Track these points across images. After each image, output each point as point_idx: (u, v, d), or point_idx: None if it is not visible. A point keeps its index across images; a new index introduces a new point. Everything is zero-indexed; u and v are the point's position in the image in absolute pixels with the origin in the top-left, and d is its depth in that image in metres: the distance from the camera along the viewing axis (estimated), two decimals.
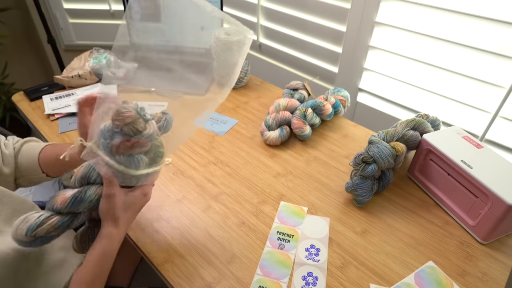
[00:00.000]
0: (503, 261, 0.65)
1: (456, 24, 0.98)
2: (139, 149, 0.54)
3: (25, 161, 0.69)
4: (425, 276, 0.62)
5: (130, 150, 0.53)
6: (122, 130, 0.52)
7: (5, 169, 0.66)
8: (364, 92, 1.31)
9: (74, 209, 0.52)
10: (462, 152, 0.71)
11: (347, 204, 0.76)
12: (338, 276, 0.62)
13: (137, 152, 0.54)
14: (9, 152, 0.68)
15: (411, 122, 0.79)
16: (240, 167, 0.85)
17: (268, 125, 0.92)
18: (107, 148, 0.53)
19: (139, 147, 0.53)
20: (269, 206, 0.75)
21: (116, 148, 0.52)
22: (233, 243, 0.68)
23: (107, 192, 0.53)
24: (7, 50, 1.94)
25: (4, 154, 0.67)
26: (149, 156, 0.56)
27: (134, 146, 0.53)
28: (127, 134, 0.52)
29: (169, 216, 0.73)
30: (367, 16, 1.14)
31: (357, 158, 0.74)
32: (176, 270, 0.63)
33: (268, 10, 1.47)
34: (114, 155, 0.53)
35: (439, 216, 0.74)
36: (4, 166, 0.66)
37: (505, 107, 0.96)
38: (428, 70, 1.09)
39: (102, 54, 1.19)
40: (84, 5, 1.84)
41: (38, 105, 1.05)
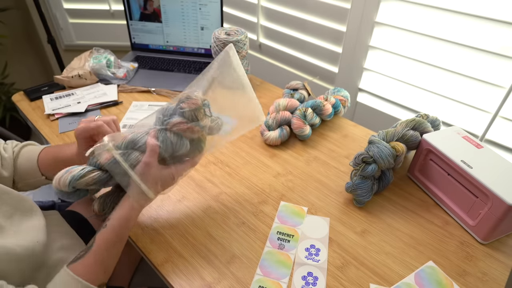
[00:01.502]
0: (503, 261, 0.65)
1: (456, 24, 0.98)
2: (189, 134, 0.60)
3: (24, 164, 0.69)
4: (425, 276, 0.62)
5: (182, 131, 0.59)
6: (184, 113, 0.59)
7: (4, 172, 0.67)
8: (364, 92, 1.31)
9: (115, 167, 0.57)
10: (462, 152, 0.71)
11: (347, 204, 0.76)
12: (338, 276, 0.62)
13: (185, 136, 0.60)
14: (8, 155, 0.68)
15: (411, 122, 0.79)
16: (240, 167, 0.85)
17: (268, 125, 0.92)
18: (163, 123, 0.59)
19: (190, 132, 0.60)
20: (269, 206, 0.75)
21: (172, 125, 0.58)
22: (233, 243, 0.68)
23: (147, 160, 0.57)
24: (7, 50, 1.94)
25: (3, 157, 0.67)
26: (191, 145, 0.62)
27: (187, 130, 0.59)
28: (187, 117, 0.59)
29: (169, 216, 0.73)
30: (367, 16, 1.15)
31: (357, 158, 0.74)
32: (176, 270, 0.63)
33: (268, 10, 1.48)
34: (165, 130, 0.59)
35: (439, 216, 0.74)
36: (3, 169, 0.67)
37: (505, 107, 0.97)
38: (428, 70, 1.09)
39: (102, 54, 1.19)
40: (84, 5, 1.84)
41: (38, 105, 1.05)
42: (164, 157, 0.60)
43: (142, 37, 1.33)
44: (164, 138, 0.59)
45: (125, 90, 1.13)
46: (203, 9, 1.22)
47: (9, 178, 0.68)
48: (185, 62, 1.28)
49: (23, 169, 0.69)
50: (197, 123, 0.60)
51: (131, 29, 1.31)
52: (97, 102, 1.06)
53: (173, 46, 1.33)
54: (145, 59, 1.30)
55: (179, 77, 1.20)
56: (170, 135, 0.59)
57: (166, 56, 1.33)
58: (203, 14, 1.23)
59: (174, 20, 1.26)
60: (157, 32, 1.30)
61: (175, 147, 0.59)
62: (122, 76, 1.17)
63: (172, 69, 1.25)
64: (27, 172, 0.69)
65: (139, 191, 0.58)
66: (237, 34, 1.06)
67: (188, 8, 1.23)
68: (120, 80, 1.17)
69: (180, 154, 0.61)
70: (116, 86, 1.14)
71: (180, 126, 0.59)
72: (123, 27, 1.46)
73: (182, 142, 0.60)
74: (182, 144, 0.60)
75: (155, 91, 1.13)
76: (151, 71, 1.24)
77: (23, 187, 0.71)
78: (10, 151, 0.69)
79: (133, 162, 0.57)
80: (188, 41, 1.30)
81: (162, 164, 0.60)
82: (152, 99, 1.10)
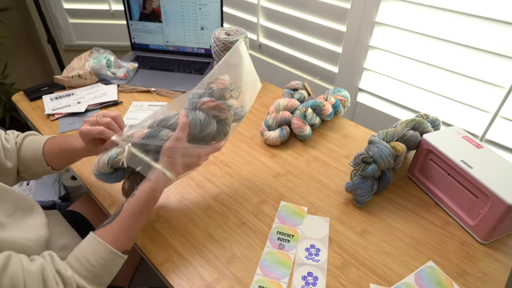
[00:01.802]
0: (503, 261, 0.65)
1: (456, 24, 0.98)
2: (217, 112, 0.64)
3: (29, 154, 0.70)
4: (425, 276, 0.62)
5: (210, 109, 0.63)
6: (213, 92, 0.63)
7: (8, 163, 0.67)
8: (364, 92, 1.31)
9: (147, 143, 0.61)
10: (462, 152, 0.71)
11: (347, 204, 0.76)
12: (338, 276, 0.62)
13: (213, 115, 0.64)
14: (11, 146, 0.69)
15: (411, 122, 0.79)
16: (240, 167, 0.85)
17: (268, 125, 0.92)
18: (192, 105, 0.64)
19: (218, 110, 0.64)
20: (269, 206, 0.75)
21: (201, 103, 0.63)
22: (233, 243, 0.68)
23: (178, 135, 0.61)
24: (7, 50, 1.94)
25: (6, 148, 0.68)
26: (218, 126, 0.66)
27: (215, 107, 0.63)
28: (215, 96, 0.63)
29: (169, 216, 0.73)
30: (367, 16, 1.14)
31: (357, 158, 0.74)
32: (176, 270, 0.63)
33: (268, 10, 1.47)
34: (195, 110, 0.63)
35: (439, 216, 0.74)
36: (7, 160, 0.67)
37: (505, 107, 0.96)
38: (428, 70, 1.09)
39: (102, 54, 1.19)
40: (84, 5, 1.84)
41: (38, 105, 1.05)
42: (193, 135, 0.64)
43: (142, 37, 1.33)
44: (193, 116, 0.63)
45: (125, 90, 1.13)
46: (203, 9, 1.22)
47: (13, 168, 0.68)
48: (185, 62, 1.28)
49: (28, 159, 0.70)
50: (223, 101, 0.64)
51: (131, 29, 1.31)
52: (97, 102, 1.06)
53: (173, 46, 1.33)
54: (145, 59, 1.30)
55: (179, 77, 1.20)
56: (199, 114, 0.63)
57: (166, 56, 1.33)
58: (203, 14, 1.23)
59: (174, 20, 1.26)
60: (157, 32, 1.30)
61: (203, 125, 0.63)
62: (122, 76, 1.17)
63: (172, 69, 1.25)
64: (32, 162, 0.70)
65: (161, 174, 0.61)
66: (237, 34, 1.06)
67: (188, 8, 1.23)
68: (120, 80, 1.17)
69: (207, 133, 0.65)
70: (116, 86, 1.14)
71: (209, 104, 0.63)
72: (123, 27, 1.46)
73: (210, 121, 0.64)
74: (210, 123, 0.64)
75: (155, 91, 1.13)
76: (151, 71, 1.24)
77: (26, 176, 0.72)
78: (13, 142, 0.70)
79: (162, 137, 0.61)
80: (188, 41, 1.30)
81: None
82: (152, 99, 1.10)
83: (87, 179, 0.81)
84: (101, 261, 0.55)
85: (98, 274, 0.54)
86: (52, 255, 0.53)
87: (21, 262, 0.48)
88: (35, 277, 0.48)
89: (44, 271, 0.50)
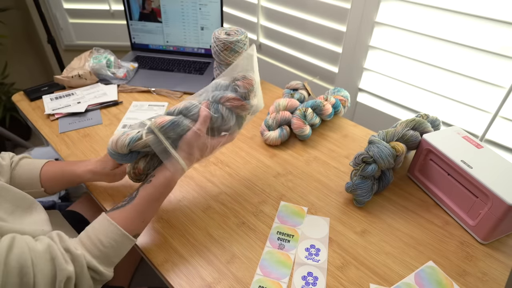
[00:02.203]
0: (503, 261, 0.65)
1: (456, 24, 0.98)
2: (240, 110, 0.66)
3: (24, 174, 0.70)
4: (425, 276, 0.62)
5: (234, 107, 0.65)
6: (238, 90, 0.64)
7: (1, 178, 0.67)
8: (364, 92, 1.31)
9: (169, 130, 0.61)
10: (462, 152, 0.71)
11: (347, 204, 0.76)
12: (338, 276, 0.62)
13: (235, 112, 0.66)
14: (6, 163, 0.69)
15: (411, 122, 0.79)
16: (240, 167, 0.85)
17: (268, 125, 0.92)
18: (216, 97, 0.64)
19: (240, 109, 0.65)
20: (269, 206, 0.75)
21: (226, 99, 0.64)
22: (233, 243, 0.68)
23: (199, 127, 0.61)
24: (7, 50, 1.94)
25: (0, 164, 0.68)
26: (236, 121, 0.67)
27: (239, 106, 0.65)
28: (240, 95, 0.64)
29: (169, 216, 0.73)
30: (367, 16, 1.15)
31: (357, 158, 0.74)
32: (176, 270, 0.63)
33: (268, 10, 1.48)
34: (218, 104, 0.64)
35: (439, 216, 0.74)
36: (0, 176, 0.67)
37: (505, 107, 0.97)
38: (428, 70, 1.09)
39: (102, 54, 1.19)
40: (84, 5, 1.84)
41: (38, 105, 1.05)
42: (211, 128, 0.65)
43: (142, 37, 1.33)
44: (216, 110, 0.64)
45: (125, 90, 1.13)
46: (203, 9, 1.22)
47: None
48: (185, 62, 1.28)
49: (23, 179, 0.69)
50: (248, 101, 0.65)
51: (131, 29, 1.31)
52: (97, 102, 1.06)
53: (173, 46, 1.33)
54: (145, 59, 1.30)
55: (179, 77, 1.20)
56: (222, 108, 0.64)
57: (166, 56, 1.33)
58: (203, 14, 1.23)
59: (174, 20, 1.26)
60: (157, 32, 1.30)
61: (224, 120, 0.65)
62: (122, 76, 1.17)
63: (172, 69, 1.25)
64: (26, 182, 0.69)
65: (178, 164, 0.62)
66: (237, 34, 1.06)
67: (188, 8, 1.23)
68: (120, 80, 1.17)
69: (225, 127, 0.67)
70: (116, 86, 1.14)
71: (234, 103, 0.64)
72: (123, 27, 1.46)
73: (232, 116, 0.65)
74: (231, 119, 0.66)
75: (155, 91, 1.13)
76: (151, 71, 1.24)
77: None
78: (8, 160, 0.70)
79: (184, 127, 0.62)
80: (188, 41, 1.30)
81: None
82: (152, 99, 1.10)
83: None
84: (112, 243, 0.55)
85: (108, 255, 0.55)
86: (61, 234, 0.53)
87: (26, 243, 0.48)
88: (42, 256, 0.48)
89: (51, 249, 0.49)
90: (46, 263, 0.48)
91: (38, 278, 0.46)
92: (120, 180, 0.74)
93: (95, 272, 0.53)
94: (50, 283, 0.47)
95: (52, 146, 0.91)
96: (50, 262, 0.48)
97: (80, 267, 0.51)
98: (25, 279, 0.45)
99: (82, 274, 0.51)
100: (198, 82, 1.18)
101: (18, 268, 0.45)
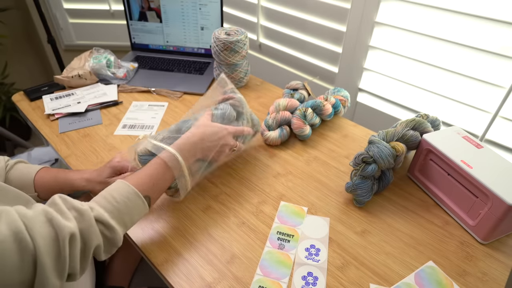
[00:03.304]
0: (503, 261, 0.65)
1: (456, 24, 0.98)
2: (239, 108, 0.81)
3: (18, 178, 0.70)
4: (425, 276, 0.62)
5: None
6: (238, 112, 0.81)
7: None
8: (364, 92, 1.31)
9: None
10: (462, 152, 0.71)
11: (347, 204, 0.76)
12: (338, 276, 0.62)
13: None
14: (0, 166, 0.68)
15: (411, 122, 0.79)
16: (240, 167, 0.85)
17: (268, 125, 0.92)
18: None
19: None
20: (269, 206, 0.75)
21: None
22: (233, 243, 0.68)
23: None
24: (7, 50, 1.94)
25: None
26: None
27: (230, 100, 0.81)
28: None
29: (169, 216, 0.73)
30: (367, 16, 1.15)
31: (357, 158, 0.74)
32: (176, 270, 0.63)
33: (268, 10, 1.48)
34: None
35: (439, 216, 0.74)
36: None
37: (505, 107, 0.97)
38: (428, 70, 1.09)
39: (102, 54, 1.19)
40: (84, 5, 1.84)
41: (38, 105, 1.05)
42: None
43: (142, 37, 1.33)
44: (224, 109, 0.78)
45: (125, 90, 1.13)
46: (203, 9, 1.22)
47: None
48: (185, 62, 1.28)
49: (17, 182, 0.69)
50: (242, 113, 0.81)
51: (131, 29, 1.31)
52: (97, 102, 1.06)
53: (173, 46, 1.33)
54: (145, 59, 1.30)
55: (179, 77, 1.20)
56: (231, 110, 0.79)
57: (166, 56, 1.33)
58: (203, 14, 1.23)
59: (174, 20, 1.26)
60: (157, 32, 1.30)
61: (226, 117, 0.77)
62: (122, 76, 1.17)
63: (172, 69, 1.25)
64: (20, 186, 0.68)
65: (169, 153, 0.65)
66: (237, 34, 1.06)
67: (188, 8, 1.23)
68: (120, 80, 1.17)
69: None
70: (116, 86, 1.14)
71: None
72: (123, 27, 1.46)
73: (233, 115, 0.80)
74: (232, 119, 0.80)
75: (155, 91, 1.13)
76: (151, 71, 1.24)
77: None
78: (3, 162, 0.70)
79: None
80: (188, 41, 1.30)
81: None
82: (152, 99, 1.10)
83: None
84: (125, 200, 0.55)
85: (120, 211, 0.55)
86: (64, 196, 0.52)
87: (15, 210, 0.46)
88: (36, 219, 0.45)
89: (45, 211, 0.47)
90: (42, 225, 0.45)
91: (37, 241, 0.44)
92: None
93: (105, 226, 0.52)
94: (52, 243, 0.45)
95: (52, 146, 0.91)
96: (47, 223, 0.46)
97: (87, 221, 0.49)
98: (23, 244, 0.43)
99: (89, 228, 0.49)
100: (198, 82, 1.18)
101: (11, 236, 0.42)
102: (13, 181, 0.69)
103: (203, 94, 1.12)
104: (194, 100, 1.10)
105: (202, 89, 1.14)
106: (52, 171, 0.72)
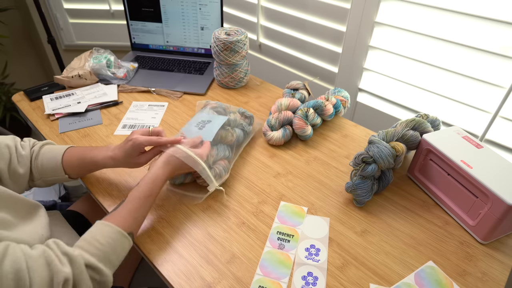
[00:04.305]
0: (503, 261, 0.65)
1: (456, 24, 0.98)
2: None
3: (47, 163, 0.71)
4: (425, 276, 0.62)
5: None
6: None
7: (20, 169, 0.68)
8: (364, 92, 1.31)
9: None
10: (462, 152, 0.71)
11: (347, 204, 0.76)
12: (338, 276, 0.62)
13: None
14: (25, 153, 0.70)
15: (411, 122, 0.79)
16: (240, 167, 0.85)
17: (271, 125, 0.92)
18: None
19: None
20: (269, 206, 0.75)
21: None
22: (233, 243, 0.68)
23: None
24: (7, 50, 1.94)
25: (20, 155, 0.69)
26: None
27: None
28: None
29: (169, 216, 0.73)
30: (367, 16, 1.14)
31: (357, 158, 0.74)
32: (176, 270, 0.63)
33: (268, 10, 1.48)
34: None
35: (439, 216, 0.74)
36: (19, 166, 0.68)
37: (505, 107, 0.96)
38: (428, 70, 1.09)
39: (102, 54, 1.19)
40: (84, 5, 1.84)
41: (38, 105, 1.05)
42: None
43: (142, 37, 1.33)
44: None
45: (125, 90, 1.13)
46: (203, 9, 1.22)
47: (25, 174, 0.69)
48: (185, 62, 1.28)
49: (46, 167, 0.71)
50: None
51: (131, 29, 1.31)
52: (97, 102, 1.06)
53: (173, 46, 1.33)
54: (145, 59, 1.30)
55: (179, 77, 1.20)
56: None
57: (166, 56, 1.33)
58: (203, 14, 1.23)
59: (174, 20, 1.26)
60: (157, 32, 1.30)
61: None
62: (122, 76, 1.17)
63: (172, 69, 1.25)
64: (51, 170, 0.71)
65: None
66: (237, 34, 1.06)
67: (188, 8, 1.23)
68: (120, 80, 1.17)
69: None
70: (116, 86, 1.14)
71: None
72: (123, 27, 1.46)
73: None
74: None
75: (155, 91, 1.13)
76: (151, 71, 1.24)
77: (41, 183, 0.73)
78: (28, 149, 0.71)
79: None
80: (188, 41, 1.30)
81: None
82: (152, 99, 1.10)
83: (87, 179, 0.81)
84: (109, 240, 0.56)
85: (106, 252, 0.56)
86: (57, 241, 0.54)
87: (20, 249, 0.48)
88: (37, 260, 0.48)
89: (46, 254, 0.50)
90: (41, 267, 0.48)
91: (34, 282, 0.46)
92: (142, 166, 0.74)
93: (94, 270, 0.53)
94: (47, 286, 0.48)
95: None
96: (46, 266, 0.49)
97: (78, 268, 0.51)
98: (21, 283, 0.45)
99: (80, 275, 0.51)
100: (198, 82, 1.18)
101: (13, 273, 0.45)
102: (42, 167, 0.71)
103: (203, 94, 1.13)
104: (194, 100, 1.10)
105: (202, 89, 1.14)
106: (77, 152, 0.73)
